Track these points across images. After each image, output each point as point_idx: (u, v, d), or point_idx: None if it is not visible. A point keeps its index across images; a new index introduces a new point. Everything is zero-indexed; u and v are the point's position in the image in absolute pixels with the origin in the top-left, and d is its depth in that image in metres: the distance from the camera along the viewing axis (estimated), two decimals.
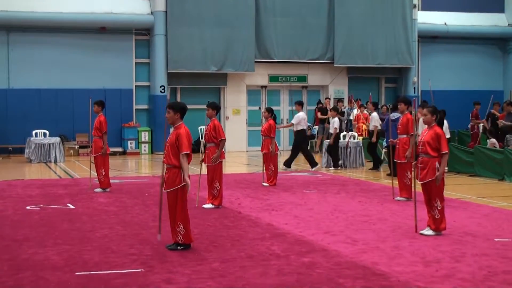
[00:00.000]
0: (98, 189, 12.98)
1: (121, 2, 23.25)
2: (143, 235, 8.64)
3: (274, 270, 6.79)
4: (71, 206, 11.13)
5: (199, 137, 22.44)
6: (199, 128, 22.64)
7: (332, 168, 17.66)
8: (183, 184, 7.67)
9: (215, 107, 11.11)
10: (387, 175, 15.59)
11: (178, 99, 23.18)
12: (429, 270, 6.79)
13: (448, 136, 15.12)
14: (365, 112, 21.34)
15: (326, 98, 24.30)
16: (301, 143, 17.57)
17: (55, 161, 20.00)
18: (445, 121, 13.97)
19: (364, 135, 19.98)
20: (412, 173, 10.30)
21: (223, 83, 24.33)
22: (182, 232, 7.70)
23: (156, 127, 22.91)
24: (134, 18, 23.20)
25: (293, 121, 17.45)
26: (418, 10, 26.06)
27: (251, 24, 23.57)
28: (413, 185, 10.06)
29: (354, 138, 18.57)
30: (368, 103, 21.55)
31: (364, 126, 20.57)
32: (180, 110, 7.87)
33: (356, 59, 24.92)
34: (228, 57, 23.49)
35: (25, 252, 7.67)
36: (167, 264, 7.07)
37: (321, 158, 18.69)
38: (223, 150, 11.06)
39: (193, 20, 23.01)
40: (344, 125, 21.64)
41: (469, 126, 21.29)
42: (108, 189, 12.98)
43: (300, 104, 17.65)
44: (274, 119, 14.31)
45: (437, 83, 26.73)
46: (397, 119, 13.27)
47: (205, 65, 23.31)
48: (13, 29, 22.43)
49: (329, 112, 19.68)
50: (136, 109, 23.78)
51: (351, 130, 20.36)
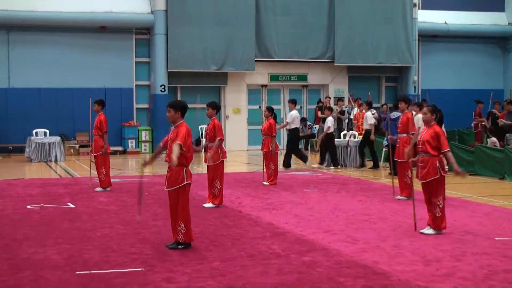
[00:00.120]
0: (99, 188, 12.99)
1: (121, 1, 23.26)
2: (143, 234, 8.63)
3: (274, 269, 6.78)
4: (72, 205, 11.13)
5: (200, 136, 22.44)
6: (200, 127, 22.64)
7: (333, 167, 17.66)
8: (185, 183, 7.67)
9: (215, 107, 11.11)
10: (389, 174, 15.58)
11: (179, 98, 23.19)
12: (430, 269, 6.78)
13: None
14: (364, 111, 21.27)
15: (326, 97, 24.28)
16: (295, 141, 17.61)
17: (56, 160, 20.01)
18: None
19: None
20: (412, 171, 10.31)
21: (223, 82, 24.33)
22: (183, 231, 7.69)
23: (156, 126, 22.92)
24: (134, 17, 23.21)
25: (287, 120, 17.43)
26: (419, 9, 26.07)
27: (251, 23, 23.56)
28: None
29: (354, 137, 18.56)
30: (362, 102, 21.51)
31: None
32: (181, 108, 7.84)
33: (357, 58, 24.92)
34: (229, 56, 23.49)
35: (25, 251, 7.66)
36: (168, 263, 7.06)
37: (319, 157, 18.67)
38: (224, 149, 11.08)
39: (193, 19, 23.02)
40: (345, 124, 21.66)
41: (473, 125, 21.15)
42: (108, 188, 12.99)
43: (293, 102, 17.64)
44: (275, 118, 14.38)
45: (437, 82, 26.78)
46: (397, 118, 13.26)
47: (206, 64, 23.31)
48: (13, 28, 22.44)
49: (325, 112, 19.70)
50: (136, 108, 23.80)
51: (352, 129, 20.35)
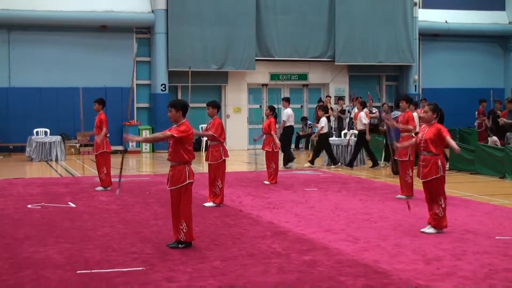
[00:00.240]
0: (99, 188, 12.99)
1: (122, 0, 23.26)
2: (144, 233, 8.64)
3: (275, 268, 6.78)
4: (72, 205, 11.13)
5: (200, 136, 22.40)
6: (200, 126, 22.61)
7: (333, 166, 17.67)
8: (187, 182, 7.68)
9: (216, 106, 11.12)
10: (393, 172, 15.57)
11: (179, 98, 23.18)
12: (430, 268, 6.78)
13: None
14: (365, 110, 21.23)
15: (327, 96, 24.28)
16: (288, 139, 17.67)
17: (56, 160, 20.00)
18: None
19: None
20: (413, 170, 10.29)
21: (224, 81, 24.33)
22: (184, 230, 7.69)
23: (157, 125, 22.91)
24: (134, 16, 23.21)
25: (283, 119, 17.44)
26: (419, 8, 26.07)
27: (252, 22, 23.56)
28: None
29: (355, 136, 18.55)
30: (357, 101, 21.46)
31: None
32: (182, 108, 7.83)
33: (357, 57, 24.92)
34: (229, 55, 23.49)
35: (26, 250, 7.66)
36: (168, 262, 7.06)
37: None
38: (226, 148, 11.12)
39: (193, 18, 23.01)
40: (346, 123, 21.65)
41: (476, 124, 21.05)
42: (109, 188, 12.98)
43: (287, 100, 17.68)
44: (276, 117, 14.45)
45: (438, 81, 26.76)
46: (398, 117, 13.23)
47: (206, 63, 23.31)
48: (14, 27, 22.44)
49: (319, 112, 19.72)
50: (137, 107, 23.79)
51: (352, 128, 20.34)
